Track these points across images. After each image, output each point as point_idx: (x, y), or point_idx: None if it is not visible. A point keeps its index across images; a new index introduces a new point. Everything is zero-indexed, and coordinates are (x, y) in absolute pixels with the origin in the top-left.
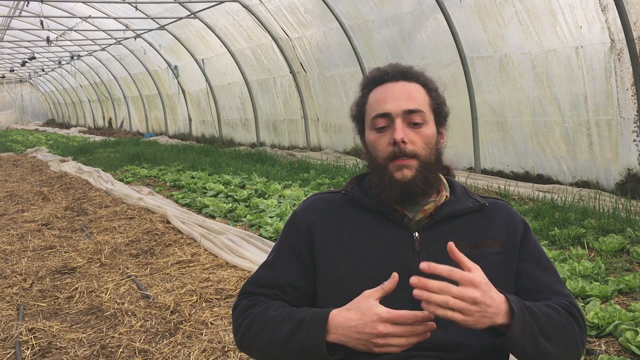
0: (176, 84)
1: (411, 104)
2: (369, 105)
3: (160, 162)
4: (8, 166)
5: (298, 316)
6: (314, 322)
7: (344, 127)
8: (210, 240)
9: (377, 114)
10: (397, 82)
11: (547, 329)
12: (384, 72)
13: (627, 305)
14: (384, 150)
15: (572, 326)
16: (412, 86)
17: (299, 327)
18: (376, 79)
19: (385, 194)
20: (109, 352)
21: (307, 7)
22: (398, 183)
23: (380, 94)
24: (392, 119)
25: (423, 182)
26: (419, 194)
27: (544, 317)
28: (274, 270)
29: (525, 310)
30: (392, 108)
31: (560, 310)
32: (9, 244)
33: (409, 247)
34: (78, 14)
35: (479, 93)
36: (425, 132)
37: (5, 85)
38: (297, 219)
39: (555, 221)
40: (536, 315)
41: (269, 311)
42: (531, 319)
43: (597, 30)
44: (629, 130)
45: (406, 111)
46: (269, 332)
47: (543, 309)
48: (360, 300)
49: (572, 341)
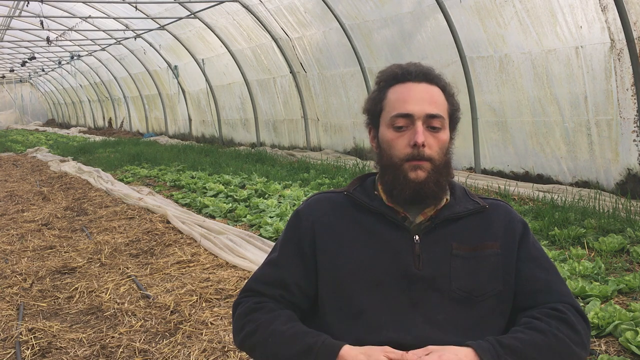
0: (176, 84)
1: (433, 109)
2: (389, 102)
3: (160, 162)
4: (8, 166)
5: (308, 341)
6: (323, 353)
7: (344, 127)
8: (210, 240)
9: (399, 113)
10: (420, 84)
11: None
12: (407, 70)
13: (627, 305)
14: (401, 150)
15: (563, 339)
16: (434, 90)
17: (308, 354)
18: (398, 76)
19: (398, 192)
20: (109, 352)
21: (307, 7)
22: (411, 183)
23: (403, 93)
24: (414, 120)
25: (435, 185)
26: (430, 195)
27: (530, 348)
28: (279, 268)
29: (503, 355)
30: (415, 110)
31: (547, 327)
32: (9, 244)
33: (409, 250)
34: (78, 14)
35: (479, 93)
36: (442, 137)
37: (5, 85)
38: (301, 218)
39: (555, 221)
40: (518, 352)
41: (276, 322)
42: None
43: (597, 30)
44: (629, 130)
45: (428, 115)
46: (274, 347)
47: (527, 337)
48: (375, 352)
49: (565, 355)
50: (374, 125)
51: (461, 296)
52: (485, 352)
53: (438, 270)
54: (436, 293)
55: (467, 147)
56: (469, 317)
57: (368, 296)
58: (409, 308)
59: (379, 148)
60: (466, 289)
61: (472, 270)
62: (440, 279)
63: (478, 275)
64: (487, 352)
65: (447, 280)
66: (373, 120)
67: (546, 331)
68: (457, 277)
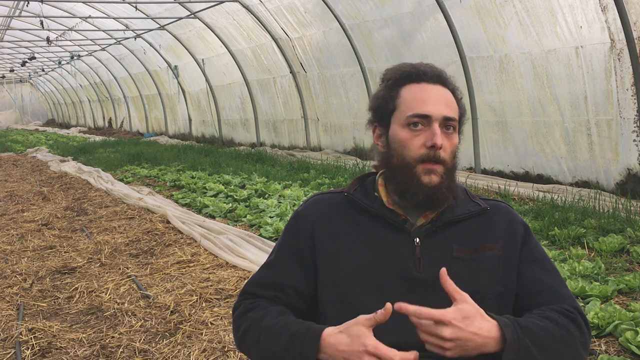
0: (176, 84)
1: (449, 112)
2: (404, 101)
3: (160, 162)
4: (8, 166)
5: (292, 329)
6: (306, 339)
7: (344, 127)
8: (210, 240)
9: (417, 113)
10: (435, 85)
11: (547, 346)
12: (422, 70)
13: (627, 305)
14: (415, 151)
15: (573, 335)
16: (448, 92)
17: (292, 341)
18: (411, 76)
19: (410, 196)
20: (109, 352)
21: (307, 7)
22: (425, 187)
23: (420, 93)
24: (430, 122)
25: (447, 189)
26: (443, 200)
27: (544, 334)
28: (275, 270)
29: (522, 334)
30: (434, 111)
31: (561, 321)
32: (9, 244)
33: (409, 253)
34: (78, 14)
35: (479, 93)
36: (454, 140)
37: (5, 85)
38: (299, 219)
39: (555, 221)
40: (534, 335)
41: (266, 318)
42: (528, 341)
43: (597, 30)
44: (629, 130)
45: (445, 118)
46: (264, 342)
47: (542, 324)
48: (353, 326)
49: (573, 351)
50: (382, 124)
51: None
52: (507, 327)
53: (438, 273)
54: (436, 296)
55: (467, 147)
56: None
57: (368, 299)
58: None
59: (388, 147)
60: (466, 291)
61: (473, 272)
62: (440, 282)
63: (478, 278)
64: (509, 327)
65: None
66: (381, 118)
67: (560, 324)
68: (458, 280)
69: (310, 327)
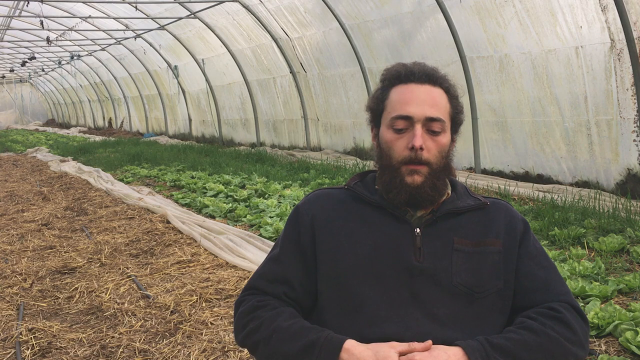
0: (176, 84)
1: (434, 112)
2: (390, 102)
3: (160, 162)
4: (8, 166)
5: (311, 337)
6: (326, 349)
7: (344, 127)
8: (210, 240)
9: (399, 115)
10: (423, 85)
11: (523, 359)
12: (410, 71)
13: (627, 305)
14: (399, 152)
15: (556, 338)
16: (437, 92)
17: (311, 350)
18: (401, 77)
19: (394, 195)
20: (109, 352)
21: (307, 7)
22: (407, 187)
23: (404, 94)
24: (413, 123)
25: (431, 189)
26: (426, 199)
27: (520, 347)
28: (281, 265)
29: (492, 353)
30: (415, 112)
31: (539, 328)
32: (9, 244)
33: (410, 243)
34: (78, 14)
35: (479, 93)
36: (442, 140)
37: (5, 85)
38: (300, 213)
39: (555, 221)
40: (508, 351)
41: (279, 319)
42: (500, 359)
43: (597, 30)
44: (629, 130)
45: (428, 118)
46: (276, 343)
47: (518, 337)
48: (382, 346)
49: (558, 353)
50: (376, 124)
51: (462, 291)
52: (474, 351)
53: (439, 264)
54: (437, 287)
55: (467, 147)
56: (469, 313)
57: (368, 289)
58: (410, 301)
59: (379, 147)
60: (467, 284)
61: (474, 266)
62: (441, 273)
63: (480, 272)
64: (476, 351)
65: (448, 274)
66: (375, 118)
67: (539, 331)
68: (459, 273)
69: (331, 335)
